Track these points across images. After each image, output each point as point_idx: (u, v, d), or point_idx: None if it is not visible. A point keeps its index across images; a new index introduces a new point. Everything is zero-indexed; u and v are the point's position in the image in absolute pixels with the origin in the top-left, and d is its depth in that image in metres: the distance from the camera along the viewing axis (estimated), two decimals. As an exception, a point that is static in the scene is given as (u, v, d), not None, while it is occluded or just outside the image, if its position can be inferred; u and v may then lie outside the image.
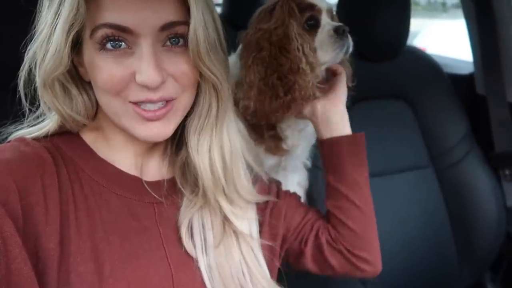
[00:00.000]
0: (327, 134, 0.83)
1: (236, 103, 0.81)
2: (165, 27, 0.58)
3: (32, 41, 0.59)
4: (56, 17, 0.55)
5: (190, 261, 0.67)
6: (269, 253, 0.74)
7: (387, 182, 0.77)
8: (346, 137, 0.82)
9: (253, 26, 0.87)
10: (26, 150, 0.60)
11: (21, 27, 0.59)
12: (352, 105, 1.14)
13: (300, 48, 0.83)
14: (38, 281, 0.54)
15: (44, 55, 0.57)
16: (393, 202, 1.36)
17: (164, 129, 0.62)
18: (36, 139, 0.63)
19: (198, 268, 0.67)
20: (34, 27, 0.59)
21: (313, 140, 1.04)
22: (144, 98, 0.59)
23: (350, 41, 0.85)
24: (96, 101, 0.65)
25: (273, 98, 0.83)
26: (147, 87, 0.58)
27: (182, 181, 0.70)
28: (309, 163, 1.10)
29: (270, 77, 0.83)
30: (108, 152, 0.67)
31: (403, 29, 1.40)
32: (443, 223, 1.44)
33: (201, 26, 0.58)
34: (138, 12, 0.56)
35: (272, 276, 0.74)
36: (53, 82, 0.59)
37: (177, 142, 0.71)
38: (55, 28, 0.55)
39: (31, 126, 0.64)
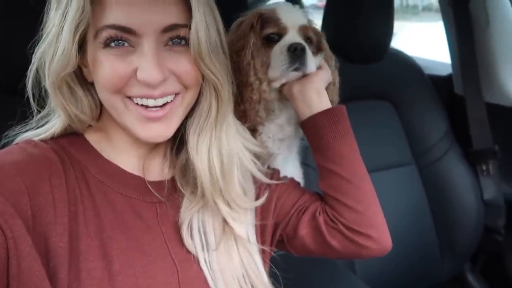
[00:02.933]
0: (306, 113, 0.79)
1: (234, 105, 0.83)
2: (167, 29, 0.59)
3: (40, 42, 0.60)
4: (64, 18, 0.56)
5: (192, 258, 0.69)
6: (261, 254, 0.75)
7: (373, 179, 0.80)
8: (323, 111, 0.77)
9: (227, 37, 0.90)
10: (34, 152, 0.61)
11: (28, 31, 0.60)
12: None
13: (252, 62, 0.83)
14: (50, 279, 0.55)
15: (52, 55, 0.58)
16: (379, 199, 1.39)
17: (165, 130, 0.63)
18: (43, 140, 0.64)
19: (200, 267, 0.69)
20: (42, 29, 0.59)
21: (294, 150, 1.05)
22: (144, 93, 0.60)
23: (306, 60, 0.81)
24: (100, 102, 0.66)
25: (235, 106, 0.83)
26: (147, 84, 0.59)
27: (182, 182, 0.71)
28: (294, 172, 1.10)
29: (234, 85, 0.82)
30: (112, 153, 0.68)
31: (386, 32, 1.45)
32: (425, 218, 1.50)
33: (203, 27, 0.60)
34: (141, 14, 0.57)
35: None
36: (61, 82, 0.60)
37: (178, 144, 0.72)
38: (62, 28, 0.56)
39: (38, 127, 0.65)
